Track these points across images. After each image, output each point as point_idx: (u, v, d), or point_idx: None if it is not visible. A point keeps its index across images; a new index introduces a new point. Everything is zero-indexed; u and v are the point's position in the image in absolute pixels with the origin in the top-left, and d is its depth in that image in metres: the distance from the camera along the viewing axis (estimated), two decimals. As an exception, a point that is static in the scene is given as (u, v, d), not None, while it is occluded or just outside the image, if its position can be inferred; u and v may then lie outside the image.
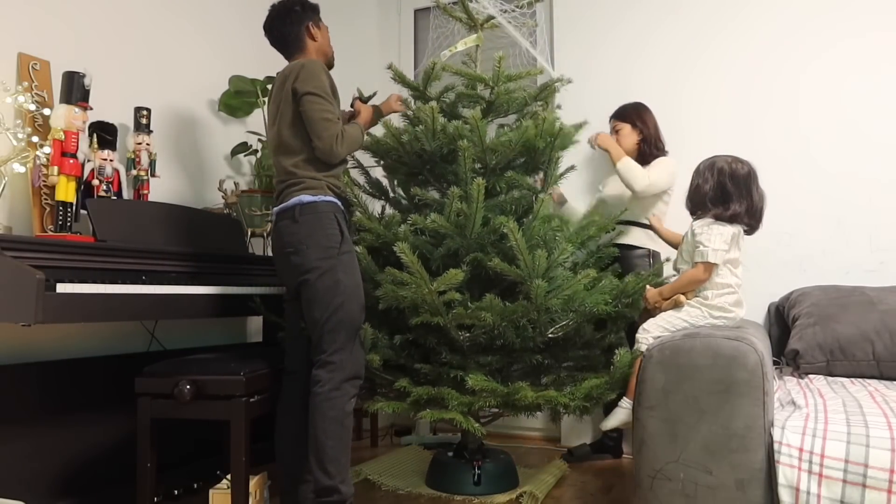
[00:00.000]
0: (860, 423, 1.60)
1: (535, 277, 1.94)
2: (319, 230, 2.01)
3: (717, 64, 3.01)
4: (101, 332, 2.37)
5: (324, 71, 2.07)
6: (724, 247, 2.01)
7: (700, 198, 2.08)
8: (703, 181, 2.08)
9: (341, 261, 2.01)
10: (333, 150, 2.02)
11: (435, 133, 2.25)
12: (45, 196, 2.15)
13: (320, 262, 1.99)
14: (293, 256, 2.02)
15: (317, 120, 2.00)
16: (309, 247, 2.00)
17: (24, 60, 2.19)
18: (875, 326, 2.34)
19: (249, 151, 3.02)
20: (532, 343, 2.12)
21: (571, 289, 2.01)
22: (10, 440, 1.94)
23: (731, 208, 2.03)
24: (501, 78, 2.32)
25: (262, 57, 3.13)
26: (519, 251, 1.95)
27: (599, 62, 3.22)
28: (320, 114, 2.00)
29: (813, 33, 2.86)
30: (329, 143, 2.01)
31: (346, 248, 2.04)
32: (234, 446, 1.92)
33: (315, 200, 2.03)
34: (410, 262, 1.96)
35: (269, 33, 2.22)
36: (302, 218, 2.02)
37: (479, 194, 2.04)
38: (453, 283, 1.96)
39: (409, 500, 2.35)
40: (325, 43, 2.25)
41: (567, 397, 2.03)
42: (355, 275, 2.05)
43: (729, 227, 2.03)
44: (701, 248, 2.03)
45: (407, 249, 1.97)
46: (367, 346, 2.09)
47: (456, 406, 2.02)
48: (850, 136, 2.79)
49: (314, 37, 2.20)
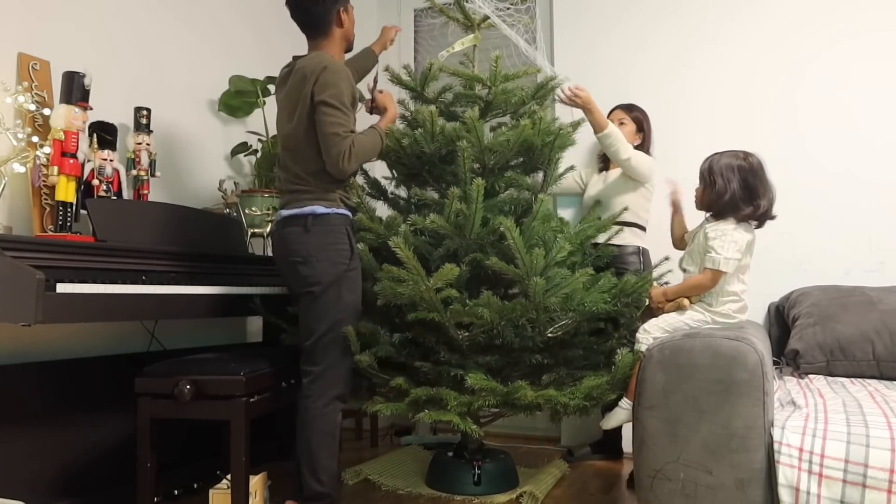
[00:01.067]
0: (860, 423, 1.60)
1: (532, 276, 1.94)
2: (331, 244, 2.04)
3: (716, 63, 3.01)
4: (101, 332, 2.37)
5: (345, 77, 2.04)
6: (738, 255, 1.98)
7: (731, 200, 2.00)
8: (726, 181, 2.00)
9: (348, 277, 2.06)
10: (339, 166, 2.01)
11: (434, 135, 2.25)
12: (45, 196, 2.15)
13: (328, 276, 2.02)
14: (301, 266, 2.04)
15: (327, 134, 2.00)
16: (319, 260, 2.02)
17: (24, 60, 2.19)
18: (875, 326, 2.34)
19: (249, 151, 3.02)
20: (531, 343, 2.11)
21: (570, 287, 2.01)
22: (10, 440, 1.94)
23: (760, 205, 1.99)
24: (499, 77, 2.32)
25: (262, 57, 3.15)
26: (516, 250, 1.95)
27: (599, 61, 3.22)
28: (331, 128, 1.99)
29: (812, 33, 2.86)
30: (336, 160, 2.01)
31: (354, 265, 2.08)
32: (235, 446, 1.92)
33: (328, 213, 2.06)
34: (406, 258, 1.96)
35: (294, 8, 2.12)
36: (314, 229, 2.03)
37: (479, 195, 2.04)
38: (449, 279, 1.96)
39: (409, 500, 2.35)
40: (350, 29, 2.20)
41: (567, 396, 2.03)
42: (357, 292, 2.11)
43: (744, 234, 2.00)
44: (713, 254, 1.99)
45: (402, 245, 1.96)
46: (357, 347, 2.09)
47: (455, 406, 2.02)
48: (850, 135, 2.79)
49: (342, 23, 2.15)
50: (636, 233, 2.75)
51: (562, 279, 2.01)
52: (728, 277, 2.02)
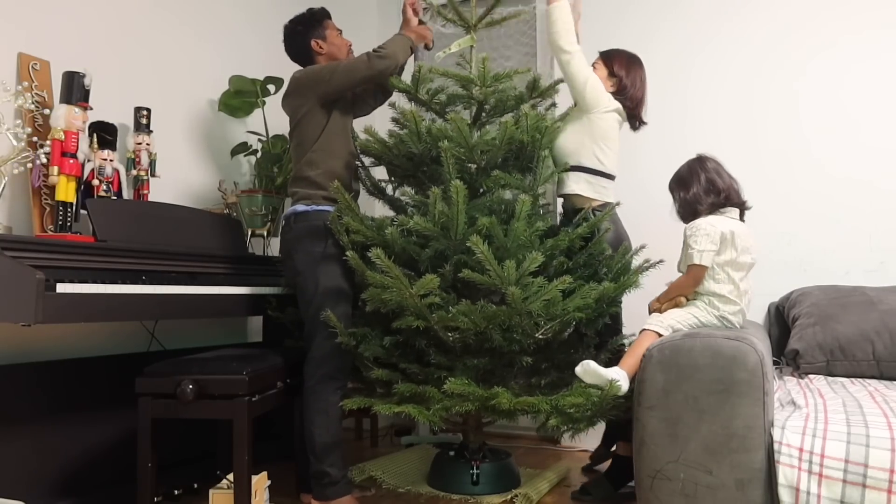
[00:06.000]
0: (860, 423, 1.60)
1: (508, 285, 1.93)
2: (306, 237, 2.22)
3: (717, 63, 3.01)
4: (102, 332, 2.37)
5: (317, 68, 2.29)
6: (712, 247, 1.99)
7: (695, 198, 2.10)
8: (690, 186, 2.12)
9: (323, 264, 2.20)
10: (371, 70, 2.24)
11: (420, 135, 2.24)
12: (45, 196, 2.15)
13: (304, 265, 2.21)
14: (287, 261, 2.28)
15: (347, 71, 2.24)
16: (297, 252, 2.22)
17: (24, 60, 2.19)
18: (875, 326, 2.34)
19: (249, 151, 3.02)
20: (519, 346, 2.10)
21: (549, 294, 1.99)
22: (10, 440, 1.94)
23: (721, 192, 2.07)
24: (488, 78, 2.32)
25: (262, 57, 3.15)
26: (487, 262, 1.94)
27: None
28: (342, 71, 2.23)
29: (812, 32, 2.86)
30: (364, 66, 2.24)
31: (329, 252, 2.20)
32: (238, 445, 1.92)
33: (308, 210, 2.24)
34: (388, 267, 1.96)
35: (287, 54, 2.44)
36: (295, 226, 2.24)
37: (459, 196, 2.01)
38: (431, 288, 1.96)
39: (409, 499, 2.35)
40: (335, 50, 2.42)
41: (548, 404, 1.98)
42: (336, 279, 2.20)
43: (717, 225, 2.01)
44: (689, 251, 2.02)
45: (382, 255, 1.97)
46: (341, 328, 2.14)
47: (438, 409, 2.02)
48: (850, 135, 2.78)
49: (321, 49, 2.39)
50: (591, 182, 2.36)
51: (539, 288, 1.99)
52: (718, 275, 2.01)
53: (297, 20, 2.41)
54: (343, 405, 2.17)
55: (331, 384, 2.17)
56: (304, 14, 2.42)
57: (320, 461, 2.13)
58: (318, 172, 2.25)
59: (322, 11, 2.44)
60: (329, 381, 2.17)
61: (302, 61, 2.41)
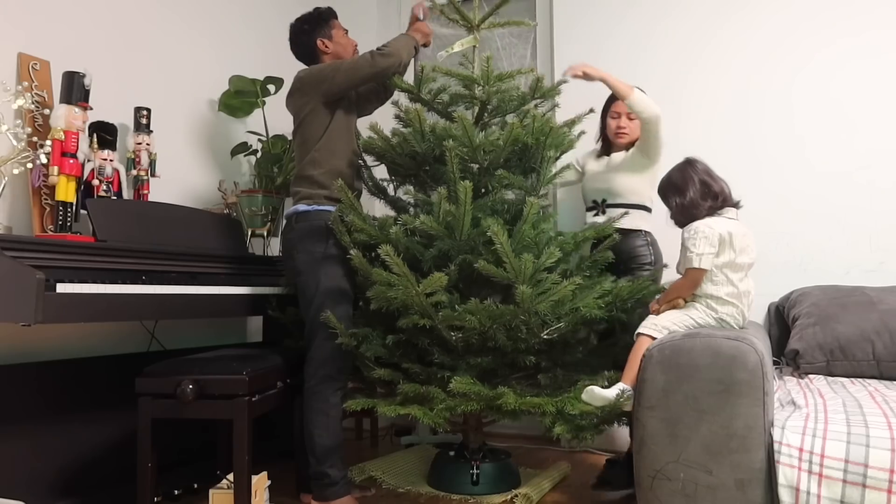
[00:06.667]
0: (860, 423, 1.60)
1: (520, 283, 1.93)
2: (307, 237, 2.22)
3: (716, 63, 3.01)
4: (101, 332, 2.37)
5: (309, 71, 2.30)
6: (711, 250, 1.98)
7: (692, 202, 2.08)
8: (686, 191, 2.09)
9: (324, 264, 2.19)
10: (374, 68, 2.24)
11: (424, 134, 2.24)
12: (45, 196, 2.15)
13: (305, 265, 2.21)
14: (288, 260, 2.28)
15: (350, 69, 2.24)
16: (299, 251, 2.22)
17: (24, 60, 2.19)
18: (875, 326, 2.34)
19: (249, 151, 3.02)
20: (525, 345, 2.10)
21: (559, 294, 2.00)
22: (10, 440, 1.94)
23: (718, 194, 2.06)
24: (491, 78, 2.32)
25: (262, 57, 3.15)
26: (505, 254, 1.94)
27: (599, 62, 3.18)
28: (344, 69, 2.24)
29: (812, 32, 2.86)
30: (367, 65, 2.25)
31: (331, 253, 2.20)
32: (238, 445, 1.92)
33: (309, 210, 2.24)
34: (395, 265, 1.96)
35: (293, 53, 2.45)
36: (297, 226, 2.25)
37: (467, 196, 2.01)
38: (439, 286, 1.96)
39: (409, 499, 2.35)
40: (340, 49, 2.42)
41: (553, 405, 1.98)
42: (337, 279, 2.20)
43: (715, 226, 2.00)
44: (688, 254, 2.01)
45: (391, 252, 1.97)
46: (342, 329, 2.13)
47: (441, 410, 2.02)
48: (850, 135, 2.78)
49: (327, 48, 2.39)
50: (644, 216, 2.61)
51: (552, 285, 1.99)
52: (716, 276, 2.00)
53: (304, 19, 2.40)
54: (346, 406, 2.17)
55: (331, 385, 2.17)
56: (310, 13, 2.42)
57: (320, 462, 2.13)
58: (322, 171, 2.26)
59: (329, 11, 2.44)
60: (329, 382, 2.17)
61: (307, 60, 2.41)
